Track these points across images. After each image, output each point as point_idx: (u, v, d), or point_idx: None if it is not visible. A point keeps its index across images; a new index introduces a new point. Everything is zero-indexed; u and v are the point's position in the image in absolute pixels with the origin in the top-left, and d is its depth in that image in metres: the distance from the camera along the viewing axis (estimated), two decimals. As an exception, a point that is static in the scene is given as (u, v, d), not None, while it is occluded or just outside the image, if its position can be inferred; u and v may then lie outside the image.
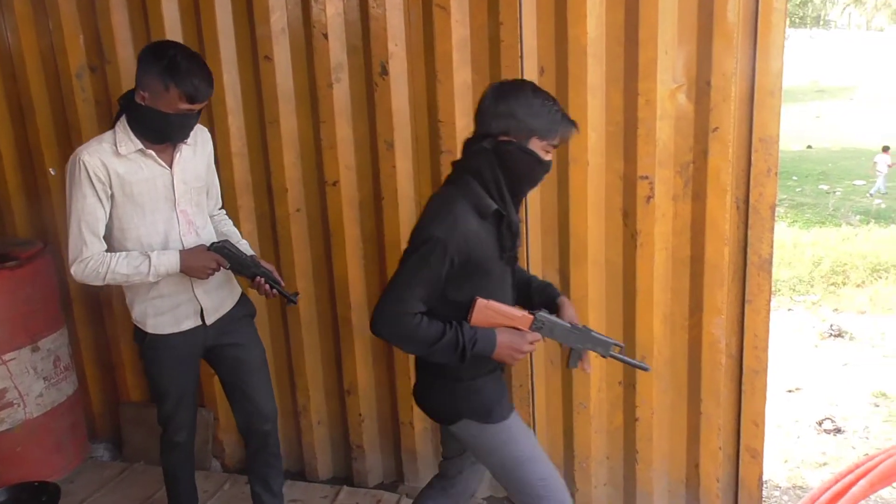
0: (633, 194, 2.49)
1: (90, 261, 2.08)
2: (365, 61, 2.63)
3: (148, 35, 2.76)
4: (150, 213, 2.15)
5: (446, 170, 2.57)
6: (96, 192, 2.06)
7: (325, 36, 2.59)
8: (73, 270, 2.10)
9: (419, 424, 2.94)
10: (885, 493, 3.98)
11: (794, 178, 12.53)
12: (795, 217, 10.26)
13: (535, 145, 1.79)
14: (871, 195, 13.28)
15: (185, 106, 2.03)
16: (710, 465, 2.68)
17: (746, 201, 2.43)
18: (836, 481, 2.89)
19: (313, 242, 2.88)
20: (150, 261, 2.10)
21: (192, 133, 2.17)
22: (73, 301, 3.22)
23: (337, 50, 2.63)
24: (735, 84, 2.33)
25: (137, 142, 2.10)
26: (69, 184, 2.07)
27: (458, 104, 2.53)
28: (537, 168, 1.84)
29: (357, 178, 2.76)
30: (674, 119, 2.41)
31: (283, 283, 2.32)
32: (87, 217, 2.07)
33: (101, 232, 2.10)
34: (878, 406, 4.90)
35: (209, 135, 2.33)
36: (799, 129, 19.02)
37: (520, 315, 1.86)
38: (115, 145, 2.08)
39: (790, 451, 4.50)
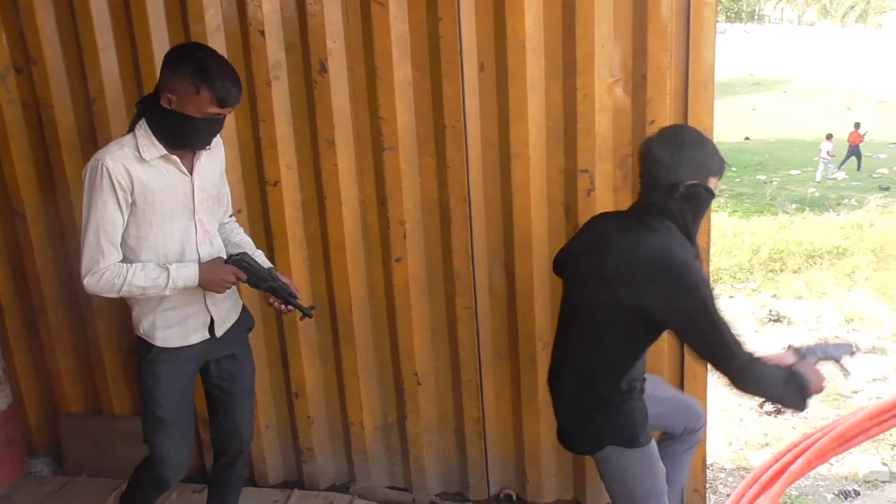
0: (574, 188, 2.53)
1: (106, 272, 1.98)
2: (303, 59, 2.59)
3: (76, 34, 2.67)
4: (168, 222, 2.07)
5: (389, 167, 2.59)
6: (118, 199, 1.96)
7: (262, 33, 2.54)
8: (86, 282, 1.99)
9: (370, 424, 2.93)
10: (823, 469, 4.14)
11: (734, 168, 12.89)
12: (735, 207, 10.57)
13: (712, 183, 1.98)
14: (818, 182, 13.83)
15: (214, 110, 1.97)
16: (656, 451, 2.74)
17: (684, 192, 2.48)
18: (776, 461, 3.00)
19: (255, 244, 2.80)
20: (168, 273, 2.01)
21: None
22: (4, 312, 3.10)
23: (274, 47, 2.58)
24: (670, 77, 2.38)
25: (161, 147, 2.01)
26: (89, 189, 1.97)
27: (398, 100, 2.52)
28: (711, 203, 2.04)
29: (298, 177, 2.72)
30: (612, 113, 2.45)
31: (298, 297, 2.25)
32: (107, 226, 1.97)
33: (119, 241, 2.01)
34: (814, 387, 5.07)
35: (221, 140, 2.25)
36: (737, 121, 19.57)
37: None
38: (138, 150, 1.99)
39: (734, 434, 4.65)
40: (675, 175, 1.91)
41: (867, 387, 5.17)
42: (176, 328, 2.15)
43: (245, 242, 2.37)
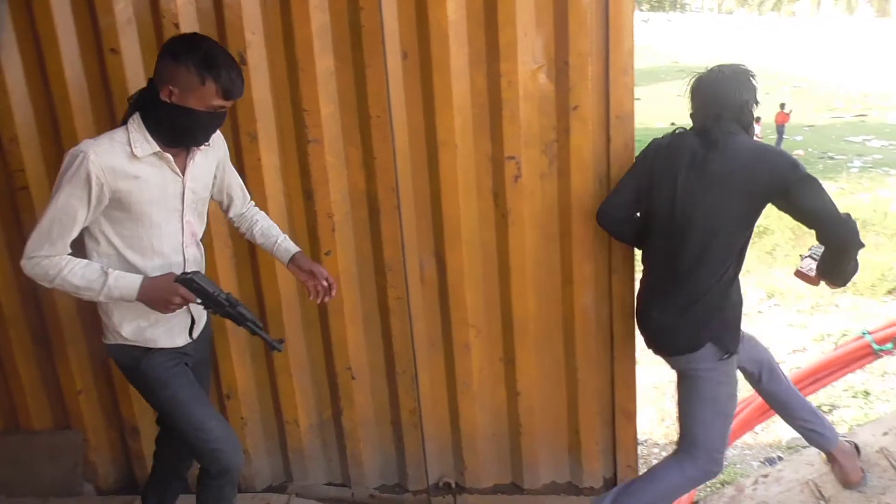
0: (501, 175, 2.54)
1: (44, 260, 1.87)
2: (221, 51, 2.52)
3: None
4: (155, 223, 1.98)
5: (314, 160, 2.56)
6: (89, 196, 1.84)
7: (177, 26, 2.45)
8: (23, 263, 1.87)
9: (305, 422, 2.89)
10: (749, 438, 4.31)
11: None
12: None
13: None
14: None
15: (219, 102, 1.88)
16: (589, 430, 2.80)
17: (608, 176, 2.53)
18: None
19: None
20: (106, 279, 1.89)
21: None
22: None
23: (190, 40, 2.50)
24: (591, 63, 2.42)
25: (154, 143, 1.91)
26: (62, 176, 1.84)
27: (321, 92, 2.48)
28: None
29: (222, 172, 2.65)
30: (536, 99, 2.47)
31: (262, 326, 2.09)
32: (65, 218, 1.85)
33: (72, 237, 1.89)
34: (741, 361, 5.27)
35: (222, 137, 2.17)
36: (663, 107, 20.07)
37: None
38: (130, 146, 1.88)
39: (666, 409, 4.77)
40: (742, 96, 2.26)
41: (788, 358, 5.40)
42: (162, 328, 2.06)
43: (268, 227, 2.32)
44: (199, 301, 1.97)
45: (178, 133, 1.93)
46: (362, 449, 2.91)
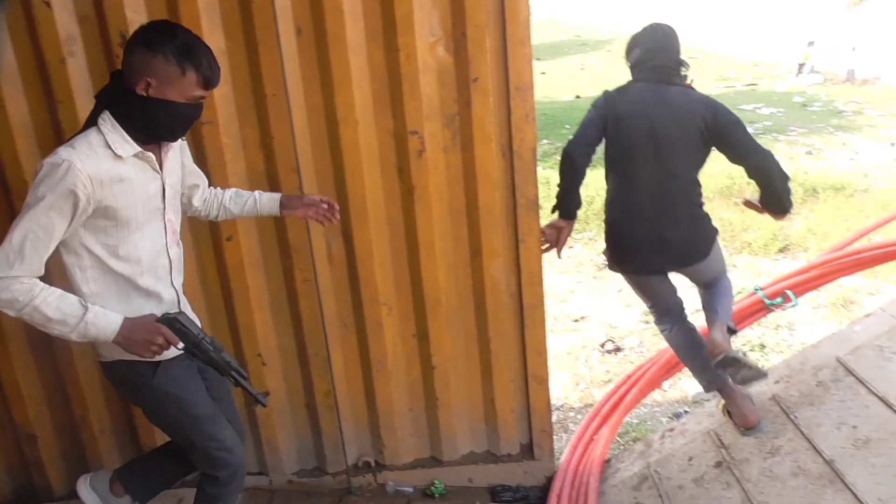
0: (405, 150, 2.52)
1: (15, 283, 1.66)
2: (101, 31, 2.37)
3: None
4: (141, 225, 1.86)
5: (209, 142, 2.46)
6: (74, 209, 1.68)
7: (48, 4, 2.29)
8: None
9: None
10: (658, 396, 4.50)
11: (567, 126, 13.41)
12: (569, 162, 11.07)
13: None
14: None
15: (199, 92, 1.78)
16: (503, 398, 2.85)
17: (510, 147, 2.55)
18: (614, 393, 3.23)
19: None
20: (84, 314, 1.72)
21: None
22: None
23: (65, 20, 2.33)
24: (489, 35, 2.42)
25: (133, 143, 1.77)
26: (40, 186, 1.65)
27: (213, 70, 2.38)
28: None
29: (110, 158, 2.51)
30: (435, 72, 2.46)
31: (248, 377, 2.01)
32: (40, 232, 1.67)
33: (48, 254, 1.71)
34: (647, 323, 5.49)
35: None
36: (567, 80, 20.44)
37: None
38: (111, 147, 1.73)
39: (580, 374, 4.92)
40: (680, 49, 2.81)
41: (690, 317, 5.65)
42: None
43: (236, 192, 2.25)
44: (180, 346, 1.85)
45: (157, 128, 1.81)
46: (277, 435, 2.86)
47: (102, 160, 1.73)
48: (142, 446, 2.82)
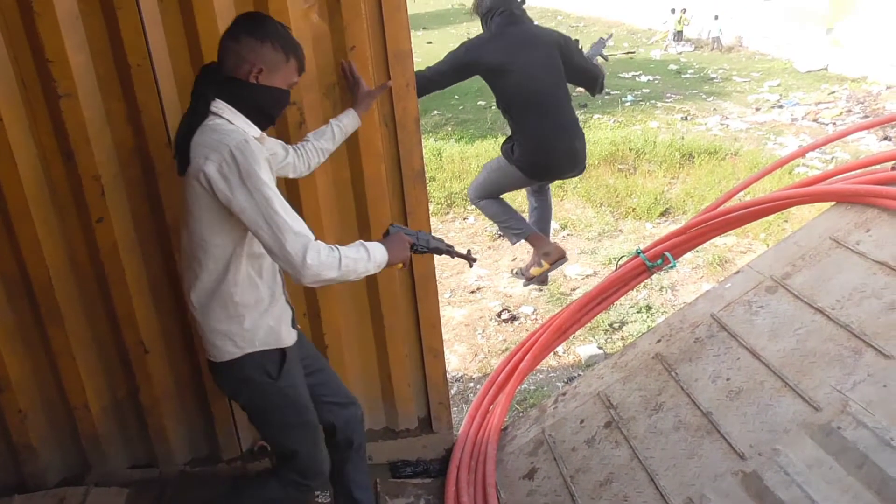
0: (284, 121, 2.42)
1: (320, 245, 1.74)
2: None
3: None
4: None
5: (70, 116, 2.28)
6: (270, 171, 1.80)
7: None
8: (308, 261, 1.70)
9: (97, 405, 2.66)
10: (553, 361, 4.63)
11: (456, 97, 13.47)
12: (461, 133, 11.11)
13: None
14: None
15: (296, 79, 1.90)
16: (400, 372, 2.84)
17: (392, 117, 2.51)
18: (508, 361, 3.28)
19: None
20: (365, 246, 1.85)
21: None
22: None
23: None
24: (363, 1, 2.35)
25: (255, 127, 1.87)
26: (248, 168, 1.70)
27: (67, 39, 2.17)
28: None
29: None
30: (311, 40, 2.36)
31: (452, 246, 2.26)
32: (282, 200, 1.75)
33: None
34: (541, 291, 5.63)
35: None
36: (453, 49, 20.47)
37: None
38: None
39: (478, 345, 4.99)
40: None
41: (581, 283, 5.84)
42: (285, 324, 1.99)
43: (316, 133, 2.32)
44: (417, 247, 2.10)
45: (266, 114, 1.89)
46: (166, 424, 2.73)
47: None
48: (15, 444, 2.62)
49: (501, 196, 3.68)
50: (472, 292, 5.81)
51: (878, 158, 2.97)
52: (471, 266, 2.33)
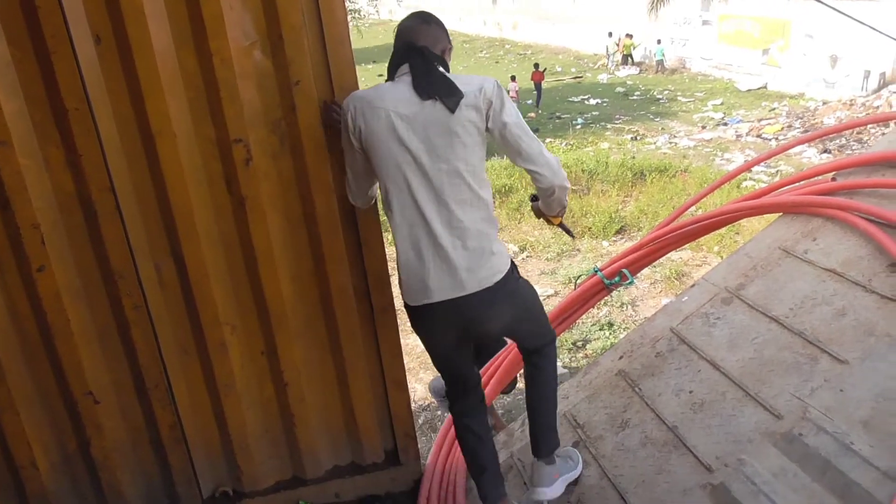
0: (230, 159, 2.38)
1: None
2: None
3: None
4: None
5: (5, 165, 2.21)
6: None
7: None
8: (563, 174, 2.23)
9: (45, 462, 2.56)
10: (519, 383, 4.59)
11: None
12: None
13: None
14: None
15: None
16: (363, 407, 2.79)
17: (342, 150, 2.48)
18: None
19: None
20: None
21: None
22: None
23: None
24: (306, 36, 2.33)
25: None
26: (508, 100, 2.15)
27: (-1, 85, 2.13)
28: None
29: None
30: (254, 77, 2.34)
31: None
32: None
33: None
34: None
35: None
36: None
37: None
38: None
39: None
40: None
41: (543, 304, 5.85)
42: None
43: None
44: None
45: None
46: (120, 477, 2.63)
47: None
48: None
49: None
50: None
51: (820, 170, 3.06)
52: (572, 238, 2.76)
